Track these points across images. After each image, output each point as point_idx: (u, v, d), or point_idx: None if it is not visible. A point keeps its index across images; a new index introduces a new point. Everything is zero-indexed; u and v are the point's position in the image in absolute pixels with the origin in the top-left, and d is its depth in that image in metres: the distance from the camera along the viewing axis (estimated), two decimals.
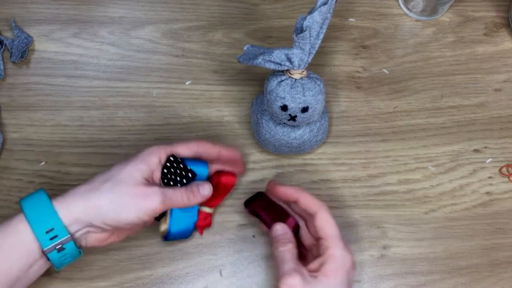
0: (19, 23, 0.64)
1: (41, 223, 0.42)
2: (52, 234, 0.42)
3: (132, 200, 0.44)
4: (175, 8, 0.67)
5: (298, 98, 0.49)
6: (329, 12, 0.48)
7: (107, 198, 0.43)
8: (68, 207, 0.43)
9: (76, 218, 0.43)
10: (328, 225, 0.47)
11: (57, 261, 0.44)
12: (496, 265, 0.56)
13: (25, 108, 0.61)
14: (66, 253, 0.43)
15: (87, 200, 0.43)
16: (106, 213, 0.43)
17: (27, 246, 0.42)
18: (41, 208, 0.42)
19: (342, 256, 0.45)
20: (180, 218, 0.51)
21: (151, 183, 0.46)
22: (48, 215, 0.42)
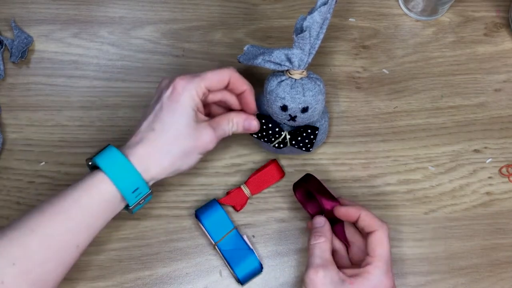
0: (19, 23, 0.64)
1: (127, 184, 0.46)
2: (137, 192, 0.46)
3: (195, 150, 0.48)
4: (175, 8, 0.67)
5: (298, 98, 0.49)
6: (329, 12, 0.48)
7: (175, 156, 0.47)
8: (146, 168, 0.46)
9: (153, 176, 0.47)
10: (380, 246, 0.46)
11: (136, 209, 0.49)
12: (496, 265, 0.56)
13: (25, 108, 0.61)
14: (144, 202, 0.49)
15: (159, 161, 0.47)
16: (176, 168, 0.48)
17: (113, 204, 0.46)
18: (123, 169, 0.46)
19: (378, 278, 0.45)
20: (235, 257, 0.53)
21: (199, 122, 0.49)
22: (132, 176, 0.46)
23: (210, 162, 0.59)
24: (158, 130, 0.47)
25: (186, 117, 0.48)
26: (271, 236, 0.56)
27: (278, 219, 0.57)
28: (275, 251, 0.56)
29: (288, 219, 0.57)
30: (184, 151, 0.48)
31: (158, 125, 0.47)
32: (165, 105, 0.48)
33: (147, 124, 0.48)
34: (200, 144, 0.48)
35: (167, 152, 0.47)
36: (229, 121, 0.51)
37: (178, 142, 0.47)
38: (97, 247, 0.55)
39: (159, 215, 0.56)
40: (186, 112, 0.48)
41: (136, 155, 0.46)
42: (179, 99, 0.48)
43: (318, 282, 0.44)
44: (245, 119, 0.52)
